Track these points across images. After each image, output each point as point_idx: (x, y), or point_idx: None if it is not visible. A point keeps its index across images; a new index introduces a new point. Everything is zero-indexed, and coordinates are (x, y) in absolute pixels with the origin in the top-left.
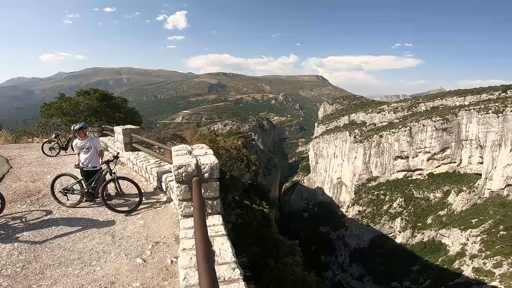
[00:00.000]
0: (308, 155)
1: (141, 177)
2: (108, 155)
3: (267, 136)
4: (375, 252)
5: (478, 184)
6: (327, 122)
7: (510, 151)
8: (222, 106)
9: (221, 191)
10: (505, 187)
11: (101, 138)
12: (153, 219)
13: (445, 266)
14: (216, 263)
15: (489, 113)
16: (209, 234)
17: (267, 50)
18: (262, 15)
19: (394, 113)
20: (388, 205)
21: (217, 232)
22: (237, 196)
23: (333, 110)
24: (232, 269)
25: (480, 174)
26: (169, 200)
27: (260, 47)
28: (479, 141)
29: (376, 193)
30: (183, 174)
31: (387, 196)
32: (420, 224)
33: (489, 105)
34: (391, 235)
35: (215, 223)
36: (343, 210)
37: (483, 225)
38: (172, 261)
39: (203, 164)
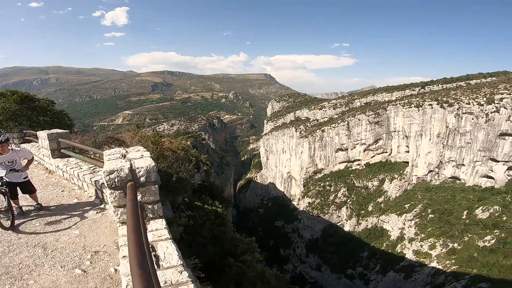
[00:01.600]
0: (260, 152)
1: (73, 185)
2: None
3: (218, 135)
4: (327, 242)
5: (407, 172)
6: (275, 119)
7: (429, 140)
8: (168, 105)
9: (169, 193)
10: (428, 173)
11: (23, 145)
12: (90, 228)
13: (390, 251)
14: (162, 268)
15: (411, 107)
16: (151, 239)
17: (217, 48)
18: (213, 14)
19: (333, 109)
20: (333, 195)
21: (160, 236)
22: (187, 198)
23: (280, 108)
24: (179, 272)
25: (408, 162)
26: (107, 207)
27: (210, 46)
28: (405, 132)
29: (322, 184)
30: (116, 180)
31: (332, 187)
32: (363, 212)
33: (412, 100)
34: (339, 224)
35: (158, 228)
36: (295, 203)
37: (414, 210)
38: (116, 270)
39: (138, 168)
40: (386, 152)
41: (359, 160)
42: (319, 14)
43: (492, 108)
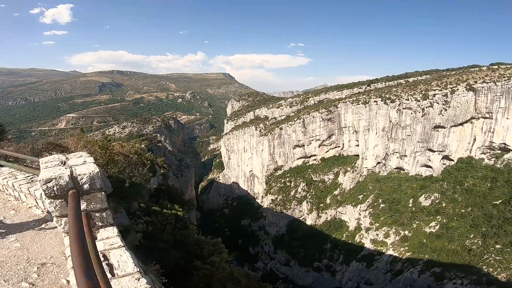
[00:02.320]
0: (221, 152)
1: (8, 196)
2: None
3: (175, 136)
4: (292, 237)
5: (358, 164)
6: (235, 118)
7: (376, 134)
8: (119, 107)
9: (122, 200)
10: (376, 164)
11: None
12: (33, 240)
13: (350, 241)
14: (117, 276)
15: (359, 104)
16: (103, 248)
17: (173, 47)
18: (167, 12)
19: (290, 107)
20: (294, 190)
21: (112, 244)
22: (143, 204)
23: (240, 107)
24: (136, 279)
25: (358, 155)
26: (50, 217)
27: (165, 44)
28: (354, 127)
29: (283, 180)
30: (55, 188)
31: (292, 183)
32: (322, 205)
33: (359, 97)
34: (301, 218)
35: (109, 236)
36: (259, 201)
37: (367, 200)
38: (68, 281)
39: (79, 175)
40: (339, 146)
41: (315, 155)
42: (276, 14)
43: (427, 103)
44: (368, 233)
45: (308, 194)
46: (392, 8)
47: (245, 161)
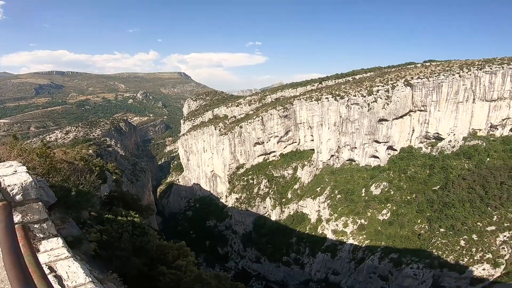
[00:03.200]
0: (179, 154)
1: None
2: None
3: (127, 139)
4: (259, 234)
5: (314, 158)
6: (193, 118)
7: (328, 128)
8: (60, 110)
9: (69, 209)
10: (330, 157)
11: None
12: None
13: (313, 233)
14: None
15: (312, 101)
16: (48, 260)
17: (122, 46)
18: (115, 9)
19: (249, 105)
20: (257, 187)
21: (58, 255)
22: (94, 212)
23: (197, 106)
24: None
25: (314, 149)
26: None
27: (113, 43)
28: (309, 123)
29: (246, 178)
30: None
31: (255, 180)
32: (284, 200)
33: (312, 94)
34: (266, 214)
35: (54, 247)
36: (223, 200)
37: (325, 192)
38: None
39: (9, 186)
40: (296, 142)
41: (274, 151)
42: (233, 12)
43: (372, 99)
44: (328, 224)
45: (270, 190)
46: (339, 10)
47: (206, 162)
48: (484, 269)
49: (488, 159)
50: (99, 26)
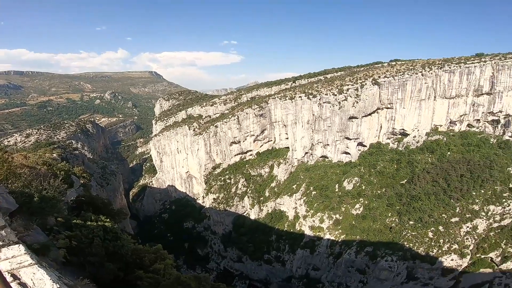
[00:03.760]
0: (151, 155)
1: None
2: None
3: (95, 141)
4: (239, 233)
5: (289, 156)
6: (165, 118)
7: (302, 126)
8: (19, 112)
9: (33, 216)
10: (304, 154)
11: None
12: None
13: (292, 230)
14: None
15: (286, 99)
16: (9, 267)
17: (88, 44)
18: (80, 6)
19: (224, 104)
20: (235, 187)
21: (21, 263)
22: (60, 218)
23: (170, 106)
24: None
25: (289, 147)
26: None
27: (78, 41)
28: (283, 121)
29: (223, 178)
30: None
31: (232, 179)
32: (262, 198)
33: (286, 93)
34: (245, 213)
35: (15, 254)
36: (200, 201)
37: (301, 189)
38: None
39: None
40: (271, 140)
41: (251, 150)
42: (208, 11)
43: (343, 97)
44: (305, 221)
45: (248, 189)
46: (311, 11)
47: (180, 163)
48: (452, 260)
49: (448, 153)
50: (62, 24)
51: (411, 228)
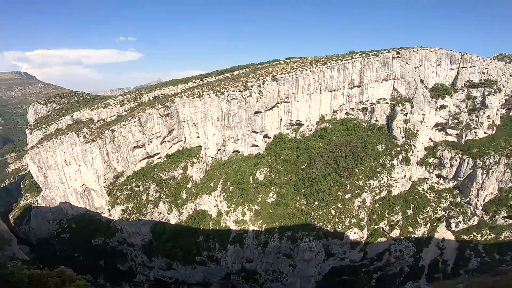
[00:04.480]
0: (30, 171)
1: None
2: None
3: None
4: (162, 240)
5: (202, 154)
6: (44, 126)
7: (212, 124)
8: None
9: None
10: (217, 151)
11: None
12: None
13: (218, 228)
14: None
15: (194, 97)
16: None
17: None
18: None
19: (121, 106)
20: (145, 194)
21: None
22: None
23: (49, 111)
24: None
25: (201, 146)
26: None
27: None
28: (193, 120)
29: (129, 187)
30: None
31: (141, 186)
32: (180, 201)
33: (194, 91)
34: (164, 219)
35: None
36: (106, 215)
37: (218, 186)
38: None
39: None
40: (182, 140)
41: (159, 153)
42: (101, 3)
43: (248, 93)
44: (229, 216)
45: (162, 194)
46: (214, 12)
47: (71, 176)
48: (355, 233)
49: (334, 137)
50: None
51: (317, 208)
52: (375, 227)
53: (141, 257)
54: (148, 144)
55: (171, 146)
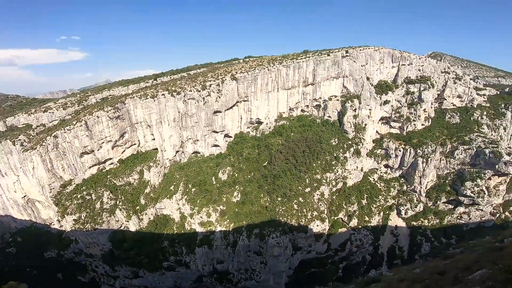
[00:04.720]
0: None
1: None
2: None
3: None
4: (123, 248)
5: (159, 157)
6: None
7: (169, 125)
8: None
9: None
10: (176, 153)
11: None
12: None
13: (182, 231)
14: None
15: (148, 98)
16: None
17: None
18: None
19: (64, 109)
20: (99, 202)
21: None
22: None
23: None
24: None
25: (157, 149)
26: None
27: None
28: (147, 122)
29: (79, 196)
30: None
31: (93, 195)
32: (138, 207)
33: (147, 91)
34: (122, 227)
35: None
36: (56, 226)
37: (179, 189)
38: None
39: None
40: (135, 144)
41: (110, 158)
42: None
43: (206, 93)
44: (193, 219)
45: (118, 201)
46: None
47: (10, 187)
48: (317, 225)
49: (292, 134)
50: None
51: (281, 203)
52: (335, 218)
53: (103, 267)
54: (98, 150)
55: (124, 151)
